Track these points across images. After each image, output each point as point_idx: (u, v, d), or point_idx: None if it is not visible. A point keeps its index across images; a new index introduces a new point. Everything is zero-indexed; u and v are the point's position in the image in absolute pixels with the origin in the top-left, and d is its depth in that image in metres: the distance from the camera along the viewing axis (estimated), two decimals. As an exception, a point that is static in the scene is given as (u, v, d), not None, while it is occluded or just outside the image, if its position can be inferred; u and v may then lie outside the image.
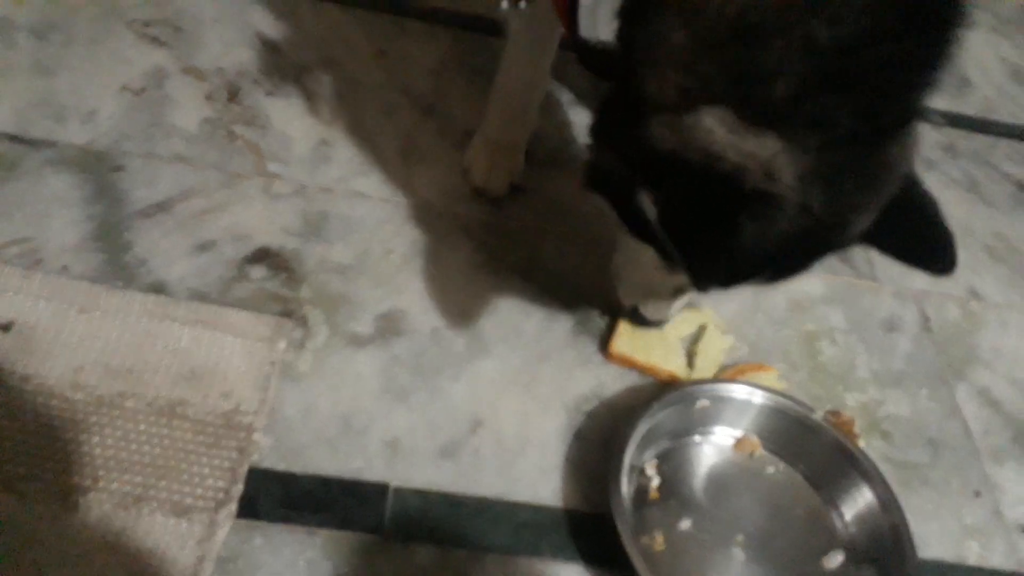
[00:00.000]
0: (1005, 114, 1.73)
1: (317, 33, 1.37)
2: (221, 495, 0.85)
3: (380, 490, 0.90)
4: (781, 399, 1.02)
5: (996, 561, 1.01)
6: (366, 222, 1.13)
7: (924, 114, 0.67)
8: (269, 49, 1.32)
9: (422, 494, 0.91)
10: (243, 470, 0.87)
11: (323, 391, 0.96)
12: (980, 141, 1.64)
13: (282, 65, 1.30)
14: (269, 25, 1.36)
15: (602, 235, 0.68)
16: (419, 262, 1.11)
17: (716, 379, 1.05)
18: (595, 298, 1.12)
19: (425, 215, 1.16)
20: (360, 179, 1.18)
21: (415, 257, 1.11)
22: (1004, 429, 1.15)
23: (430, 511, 0.90)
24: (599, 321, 1.11)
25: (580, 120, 1.37)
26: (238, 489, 0.86)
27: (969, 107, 1.71)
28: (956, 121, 1.66)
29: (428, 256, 1.12)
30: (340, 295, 1.05)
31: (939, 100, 1.70)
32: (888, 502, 0.94)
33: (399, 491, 0.91)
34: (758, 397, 1.02)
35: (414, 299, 1.07)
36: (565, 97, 1.40)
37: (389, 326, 1.03)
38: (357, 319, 1.03)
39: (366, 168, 1.20)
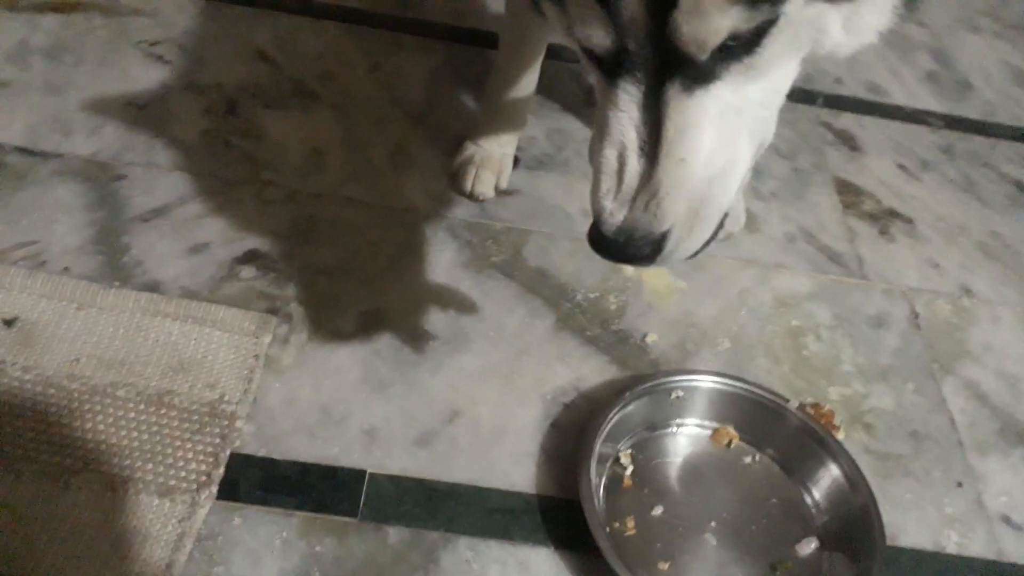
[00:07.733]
0: (1006, 116, 1.72)
1: (315, 50, 1.44)
2: (203, 478, 0.90)
3: (357, 476, 0.94)
4: (754, 389, 1.04)
5: (975, 550, 1.01)
6: (354, 225, 1.18)
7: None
8: (268, 65, 1.39)
9: (397, 480, 0.94)
10: (225, 455, 0.92)
11: (304, 383, 1.00)
12: (979, 143, 1.64)
13: (279, 80, 1.36)
14: (269, 43, 1.43)
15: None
16: (404, 262, 1.15)
17: (688, 370, 1.07)
18: (579, 292, 1.16)
19: (412, 218, 1.21)
20: (350, 185, 1.23)
21: (401, 258, 1.15)
22: (991, 422, 1.15)
23: (404, 496, 0.93)
24: (581, 318, 1.14)
25: (569, 127, 1.41)
26: (219, 473, 0.90)
27: (970, 110, 1.72)
28: (954, 123, 1.67)
29: (413, 257, 1.16)
30: (325, 294, 1.09)
31: (938, 102, 1.71)
32: (856, 481, 0.96)
33: (375, 477, 0.94)
34: (730, 387, 1.03)
35: (398, 297, 1.11)
36: (555, 106, 1.44)
37: (371, 323, 1.07)
38: (341, 316, 1.07)
39: (356, 175, 1.25)
